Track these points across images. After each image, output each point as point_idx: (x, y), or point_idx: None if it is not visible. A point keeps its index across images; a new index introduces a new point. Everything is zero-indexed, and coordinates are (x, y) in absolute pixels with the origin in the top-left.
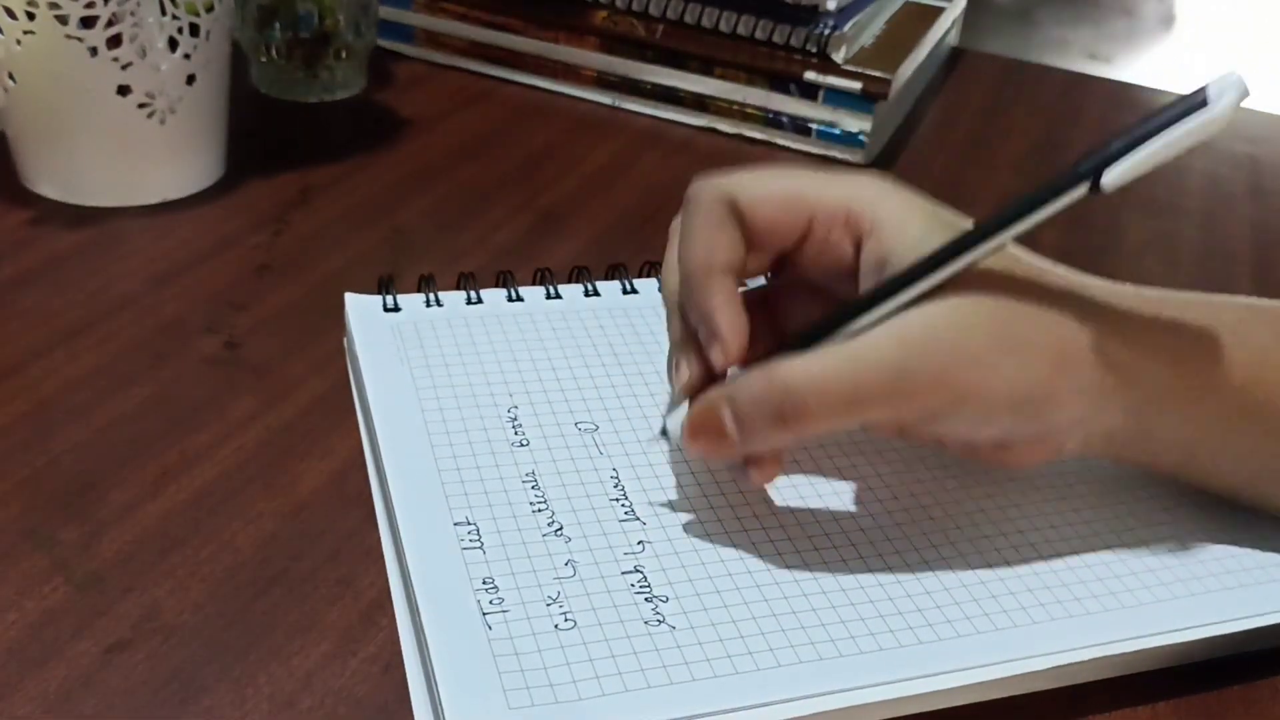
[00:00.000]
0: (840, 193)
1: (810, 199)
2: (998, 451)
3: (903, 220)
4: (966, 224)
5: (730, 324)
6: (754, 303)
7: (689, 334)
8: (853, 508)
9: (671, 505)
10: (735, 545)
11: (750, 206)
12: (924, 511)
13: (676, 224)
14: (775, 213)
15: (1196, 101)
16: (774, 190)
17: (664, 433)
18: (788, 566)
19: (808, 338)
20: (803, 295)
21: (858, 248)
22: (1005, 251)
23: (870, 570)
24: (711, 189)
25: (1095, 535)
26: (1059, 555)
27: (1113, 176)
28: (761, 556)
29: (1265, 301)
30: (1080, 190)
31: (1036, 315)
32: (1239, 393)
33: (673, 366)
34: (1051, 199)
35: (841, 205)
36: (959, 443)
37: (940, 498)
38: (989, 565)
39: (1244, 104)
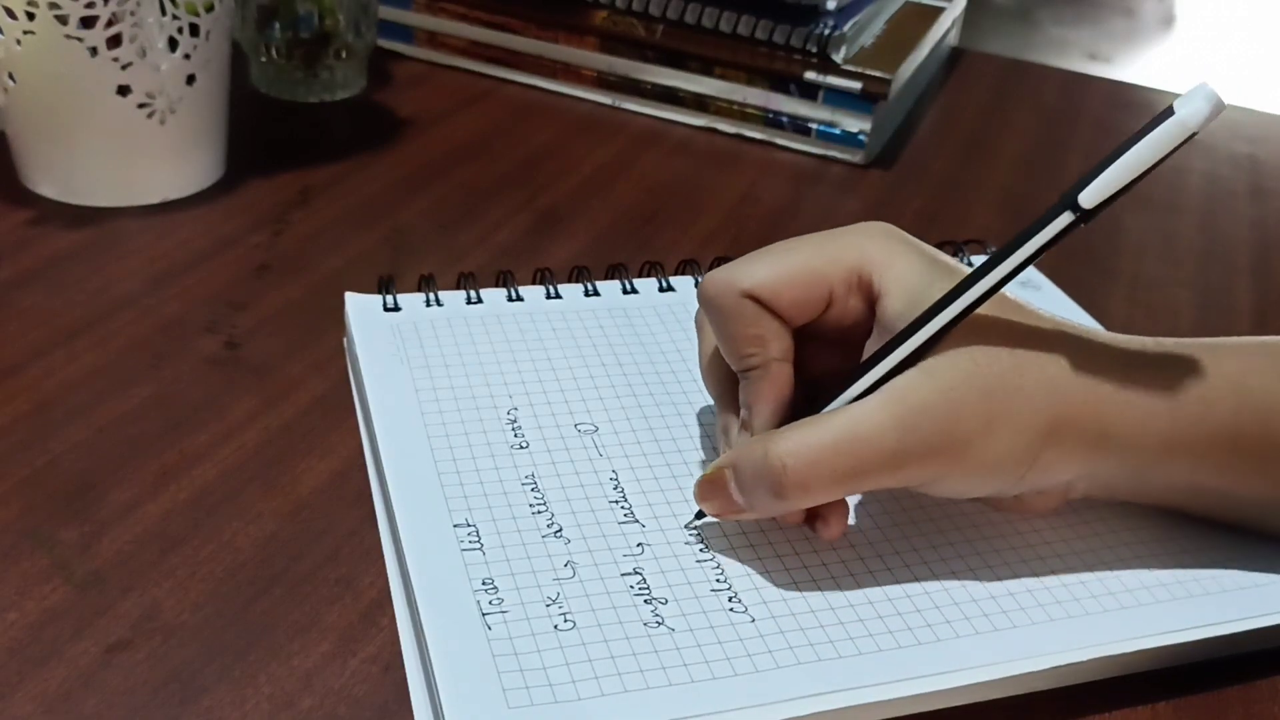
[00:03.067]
0: (851, 259)
1: (826, 273)
2: (1003, 502)
3: (907, 282)
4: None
5: (764, 423)
6: None
7: (731, 420)
8: (852, 509)
9: (671, 508)
10: (733, 547)
11: (773, 296)
12: (923, 512)
13: (706, 333)
14: (797, 295)
15: (1165, 114)
16: (789, 273)
17: (700, 514)
18: (786, 568)
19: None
20: (824, 347)
21: (872, 308)
22: (1006, 300)
23: (869, 571)
24: (728, 290)
25: (1095, 536)
26: (1058, 556)
27: (1089, 194)
28: (760, 558)
29: (1271, 340)
30: (1065, 218)
31: (1030, 382)
32: (1242, 441)
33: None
34: (1038, 230)
35: (854, 272)
36: (958, 498)
37: (940, 499)
38: (989, 566)
39: (1243, 105)
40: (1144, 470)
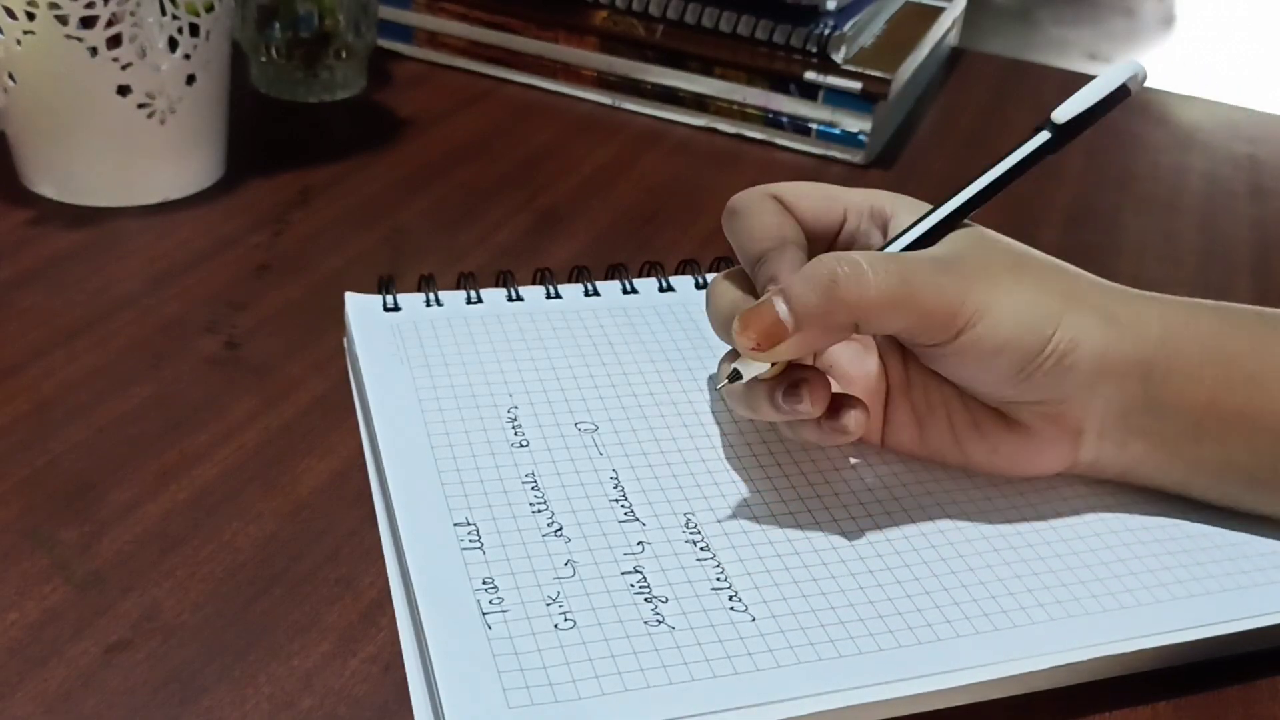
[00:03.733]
0: (864, 194)
1: (841, 196)
2: (1015, 437)
3: (916, 206)
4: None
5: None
6: None
7: (740, 296)
8: (853, 508)
9: (671, 506)
10: (734, 546)
11: (794, 201)
12: (923, 512)
13: (736, 225)
14: (815, 205)
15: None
16: (810, 189)
17: (732, 376)
18: (786, 567)
19: None
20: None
21: (884, 234)
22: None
23: (870, 570)
24: (757, 191)
25: (1095, 535)
26: (1058, 556)
27: (1062, 112)
28: (760, 557)
29: (1239, 308)
30: (1042, 135)
31: (1044, 261)
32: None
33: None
34: (1022, 144)
35: (867, 201)
36: (971, 384)
37: (940, 499)
38: (989, 565)
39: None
40: (1150, 376)
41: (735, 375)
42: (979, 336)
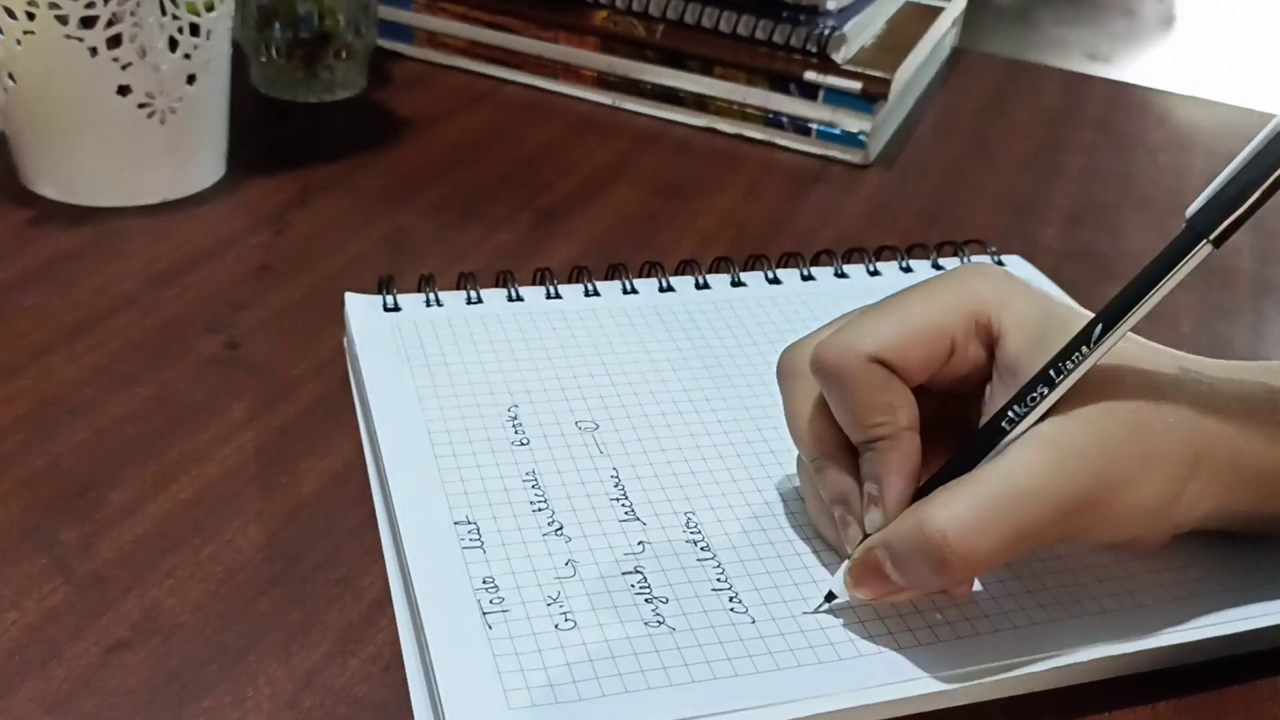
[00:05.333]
0: (967, 304)
1: (947, 325)
2: (1125, 543)
3: (1026, 321)
4: (1084, 316)
5: (898, 498)
6: None
7: (850, 487)
8: None
9: (672, 506)
10: (735, 546)
11: (900, 359)
12: None
13: (804, 390)
14: (924, 353)
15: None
16: (913, 330)
17: (830, 597)
18: (787, 569)
19: (954, 470)
20: (933, 399)
21: (989, 351)
22: (1127, 339)
23: None
24: (852, 356)
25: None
26: (1058, 556)
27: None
28: (761, 558)
29: None
30: (1204, 249)
31: (1170, 415)
32: None
33: (838, 524)
34: (1173, 265)
35: (971, 317)
36: (1098, 545)
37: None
38: None
39: (1243, 105)
40: (1267, 498)
41: (831, 597)
42: (1101, 540)
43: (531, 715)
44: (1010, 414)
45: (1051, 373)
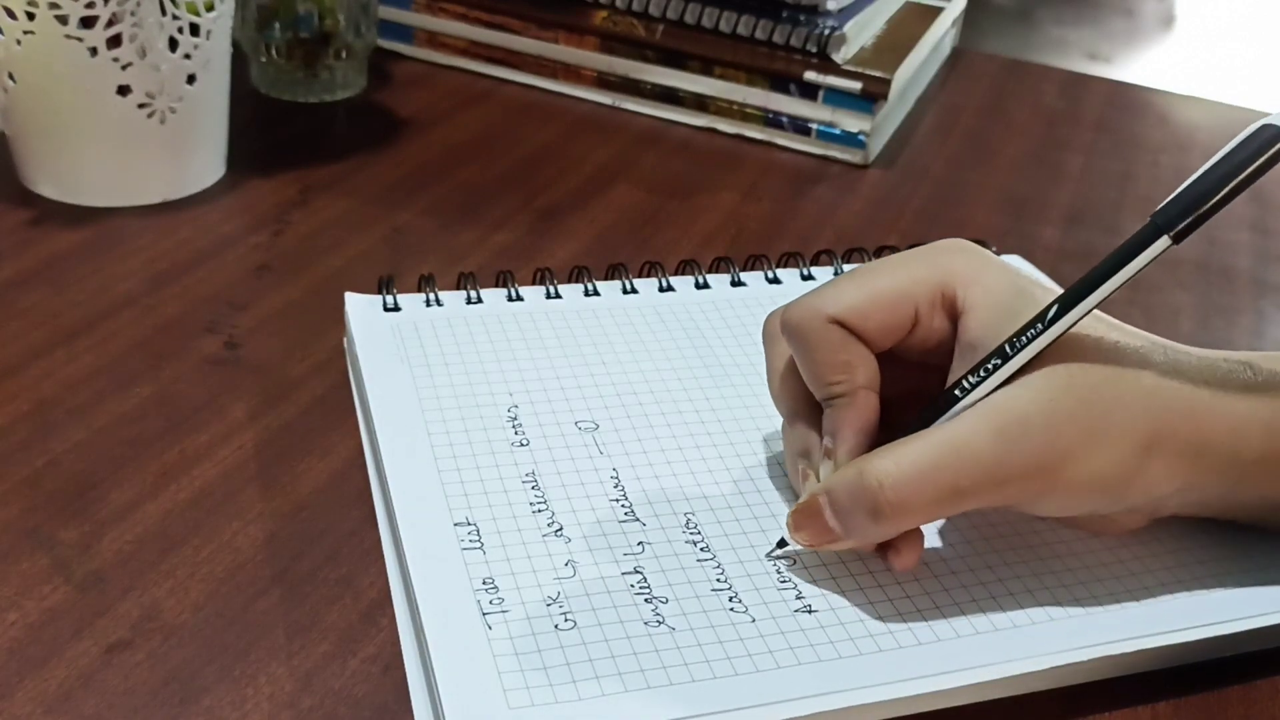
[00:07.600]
0: (935, 277)
1: (911, 293)
2: (1093, 522)
3: (992, 298)
4: (1053, 294)
5: (849, 450)
6: None
7: (814, 442)
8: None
9: (671, 506)
10: (734, 547)
11: (860, 321)
12: None
13: (780, 351)
14: (885, 318)
15: (1265, 138)
16: (875, 295)
17: (782, 543)
18: (787, 568)
19: (908, 433)
20: (900, 368)
21: (954, 324)
22: (1093, 316)
23: (869, 571)
24: (814, 316)
25: (1094, 536)
26: (1058, 556)
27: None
28: (760, 559)
29: None
30: (1162, 242)
31: (1128, 393)
32: None
33: (799, 477)
34: (1132, 256)
35: (938, 289)
36: (1052, 517)
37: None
38: (989, 566)
39: (1243, 105)
40: (1239, 484)
41: (784, 544)
42: (1049, 509)
43: (531, 715)
44: (964, 383)
45: (1006, 347)
